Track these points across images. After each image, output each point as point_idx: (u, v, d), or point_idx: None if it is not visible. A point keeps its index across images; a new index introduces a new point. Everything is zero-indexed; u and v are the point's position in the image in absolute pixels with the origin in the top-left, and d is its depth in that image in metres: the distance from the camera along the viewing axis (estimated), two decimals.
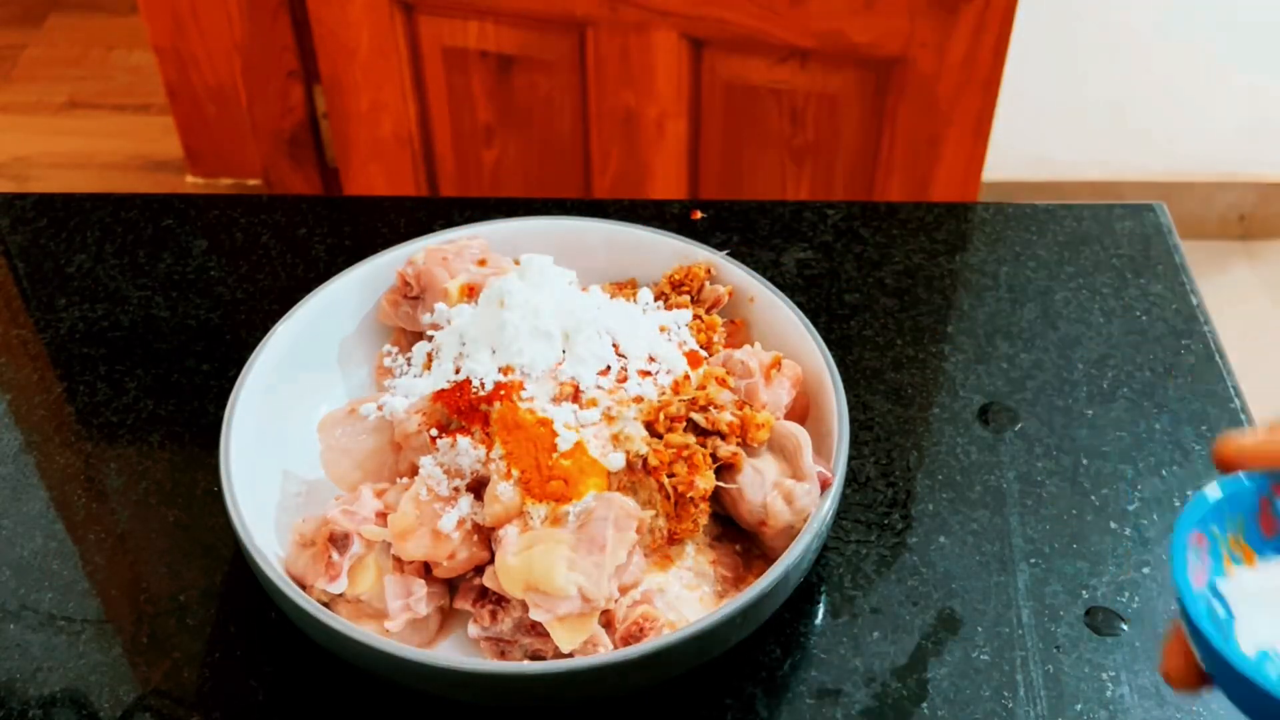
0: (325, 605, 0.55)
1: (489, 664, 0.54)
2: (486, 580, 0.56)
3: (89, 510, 0.66)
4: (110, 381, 0.74)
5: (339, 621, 0.52)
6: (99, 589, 0.62)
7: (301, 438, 0.64)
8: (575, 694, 0.54)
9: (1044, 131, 1.89)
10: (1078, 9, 1.77)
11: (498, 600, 0.55)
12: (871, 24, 1.29)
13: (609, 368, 0.60)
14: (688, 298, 0.68)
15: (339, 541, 0.56)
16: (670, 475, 0.57)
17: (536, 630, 0.54)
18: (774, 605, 0.56)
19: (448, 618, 0.58)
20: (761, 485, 0.57)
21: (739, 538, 0.60)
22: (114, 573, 0.63)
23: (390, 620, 0.55)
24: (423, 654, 0.52)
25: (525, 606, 0.54)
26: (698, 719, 0.56)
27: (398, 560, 0.56)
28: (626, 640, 0.54)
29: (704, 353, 0.64)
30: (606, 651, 0.53)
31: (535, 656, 0.55)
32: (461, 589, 0.57)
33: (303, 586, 0.56)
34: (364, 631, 0.52)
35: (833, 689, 0.57)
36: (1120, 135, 1.92)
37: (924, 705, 0.56)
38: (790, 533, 0.56)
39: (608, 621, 0.54)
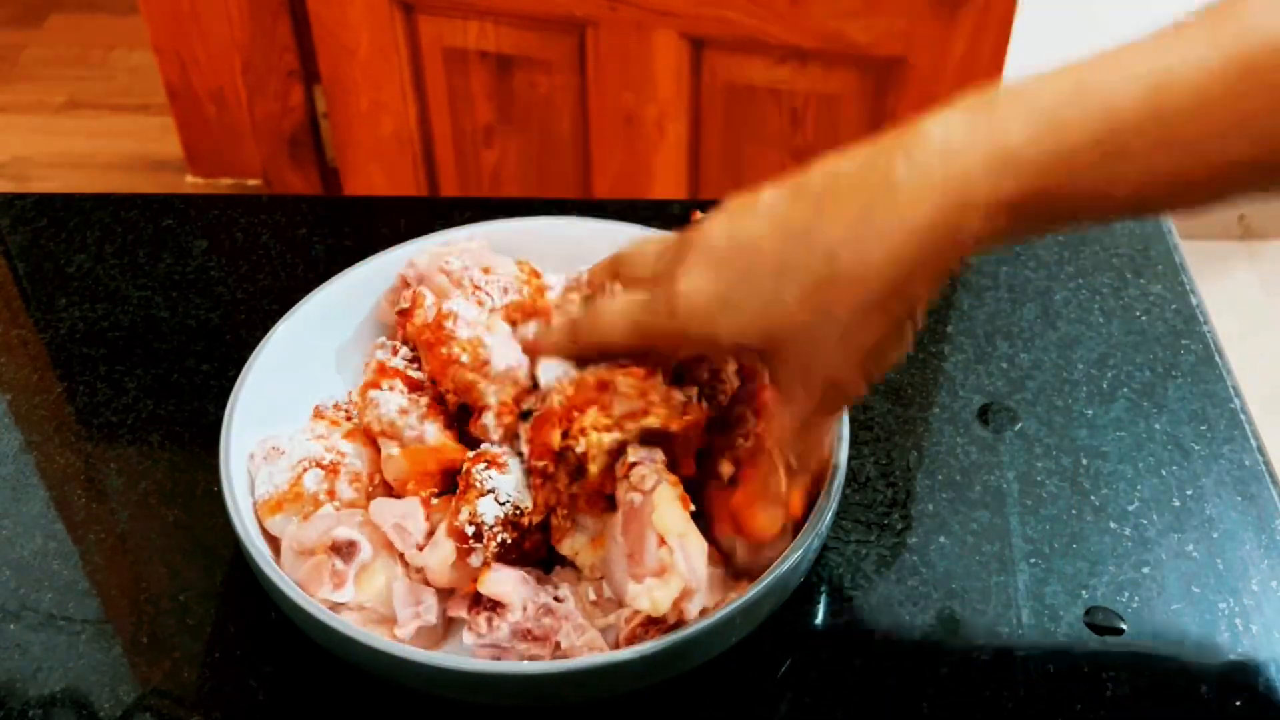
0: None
1: (490, 664, 0.54)
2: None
3: (89, 510, 0.66)
4: (110, 381, 0.74)
5: (339, 622, 0.52)
6: (99, 589, 0.62)
7: None
8: (575, 694, 0.54)
9: None
10: (1078, 9, 1.77)
11: (492, 606, 0.55)
12: (871, 24, 1.29)
13: None
14: None
15: (343, 550, 0.56)
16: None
17: (532, 636, 0.54)
18: (774, 605, 0.56)
19: (448, 622, 0.58)
20: None
21: None
22: (114, 573, 0.63)
23: (399, 627, 0.55)
24: (425, 655, 0.52)
25: (525, 609, 0.54)
26: (698, 719, 0.56)
27: (406, 566, 0.56)
28: (629, 640, 0.54)
29: None
30: (606, 652, 0.53)
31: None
32: (454, 598, 0.57)
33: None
34: (364, 632, 0.52)
35: (833, 689, 0.57)
36: None
37: (924, 705, 0.56)
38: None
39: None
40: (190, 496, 0.67)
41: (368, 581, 0.56)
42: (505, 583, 0.55)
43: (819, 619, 0.60)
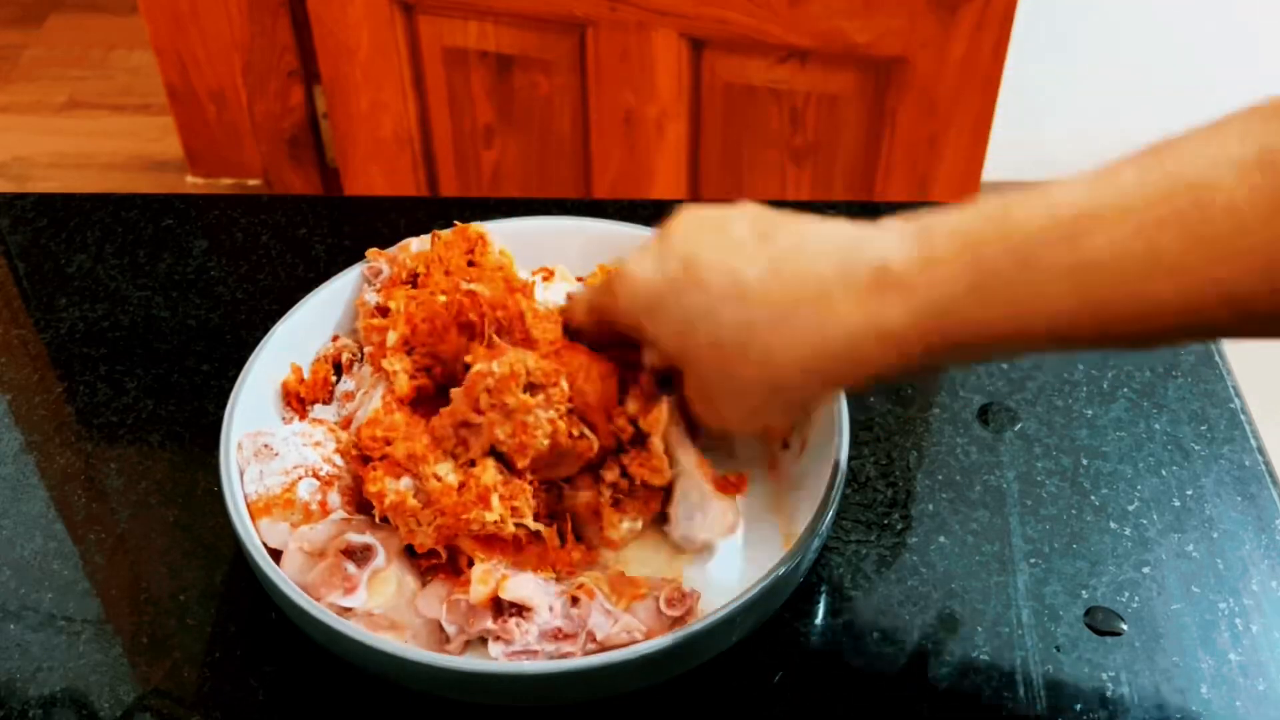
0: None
1: (490, 664, 0.54)
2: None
3: (89, 510, 0.66)
4: (110, 381, 0.74)
5: (339, 622, 0.52)
6: (99, 589, 0.62)
7: None
8: (576, 694, 0.54)
9: (1044, 131, 1.90)
10: (1078, 9, 1.77)
11: (518, 612, 0.54)
12: (871, 24, 1.29)
13: None
14: None
15: (357, 554, 0.55)
16: None
17: (563, 634, 0.54)
18: (774, 605, 0.56)
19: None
20: None
21: None
22: (114, 573, 0.63)
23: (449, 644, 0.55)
24: (426, 656, 0.52)
25: (550, 609, 0.54)
26: (698, 719, 0.56)
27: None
28: (670, 602, 0.54)
29: None
30: (634, 643, 0.53)
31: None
32: (476, 612, 0.55)
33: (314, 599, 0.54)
34: (363, 633, 0.52)
35: (833, 689, 0.57)
36: (1120, 135, 1.92)
37: (924, 705, 0.56)
38: None
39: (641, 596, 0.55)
40: (190, 496, 0.67)
41: (380, 587, 0.55)
42: (526, 586, 0.54)
43: (819, 619, 0.60)
